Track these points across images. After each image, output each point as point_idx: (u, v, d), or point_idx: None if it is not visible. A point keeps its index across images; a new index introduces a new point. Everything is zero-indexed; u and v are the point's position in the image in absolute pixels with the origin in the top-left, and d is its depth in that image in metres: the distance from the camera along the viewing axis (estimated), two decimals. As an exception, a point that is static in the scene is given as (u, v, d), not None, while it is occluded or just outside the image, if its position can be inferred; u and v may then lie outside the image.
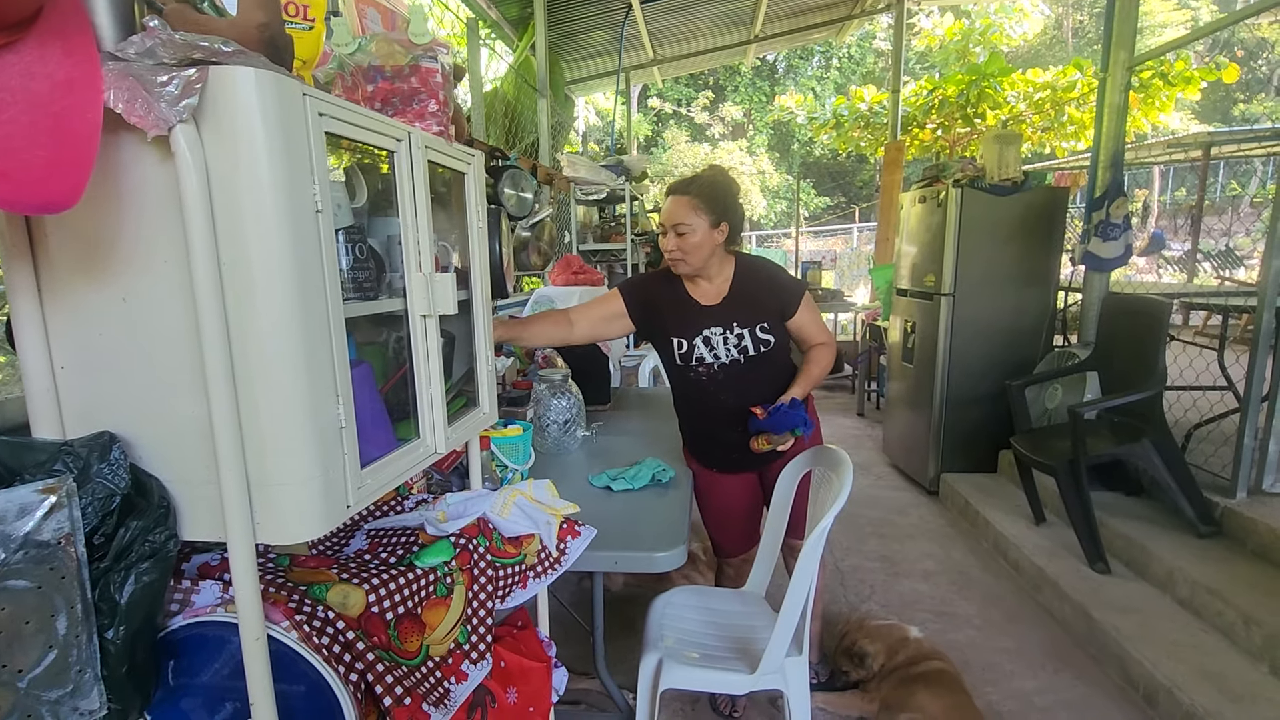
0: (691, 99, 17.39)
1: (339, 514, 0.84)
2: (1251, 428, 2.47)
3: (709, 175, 1.79)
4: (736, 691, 1.58)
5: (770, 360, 1.81)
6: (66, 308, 0.79)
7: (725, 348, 1.78)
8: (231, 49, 0.72)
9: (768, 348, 1.79)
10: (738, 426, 1.76)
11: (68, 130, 0.65)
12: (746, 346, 1.78)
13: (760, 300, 1.80)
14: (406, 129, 1.02)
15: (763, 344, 1.78)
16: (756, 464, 1.89)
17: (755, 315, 1.78)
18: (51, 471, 0.72)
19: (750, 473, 1.94)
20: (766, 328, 1.79)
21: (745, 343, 1.78)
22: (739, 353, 1.78)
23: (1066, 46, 16.28)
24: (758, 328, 1.78)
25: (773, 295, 1.82)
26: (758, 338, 1.78)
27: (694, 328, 1.79)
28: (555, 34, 5.36)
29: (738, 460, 1.87)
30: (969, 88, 6.85)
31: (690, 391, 1.86)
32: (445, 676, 1.01)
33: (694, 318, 1.80)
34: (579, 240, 4.26)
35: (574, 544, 1.33)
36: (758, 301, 1.80)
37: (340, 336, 0.83)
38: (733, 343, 1.78)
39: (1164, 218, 10.76)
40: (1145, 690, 2.01)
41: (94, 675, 0.73)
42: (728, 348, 1.78)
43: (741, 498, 1.95)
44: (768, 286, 1.82)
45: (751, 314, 1.78)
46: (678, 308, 1.82)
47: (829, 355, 1.84)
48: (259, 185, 0.73)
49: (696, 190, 1.73)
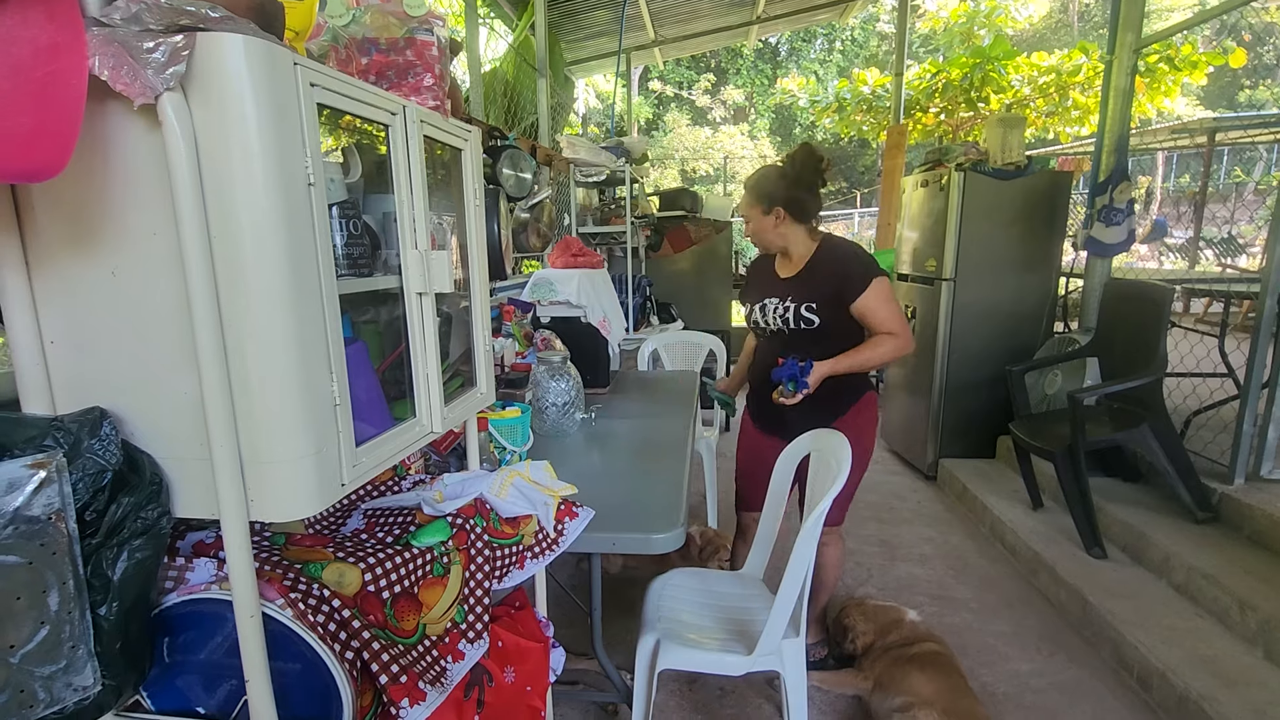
0: (693, 82, 17.20)
1: (333, 492, 0.83)
2: (1251, 414, 2.46)
3: (772, 170, 1.98)
4: (734, 672, 1.59)
5: (815, 339, 1.90)
6: (55, 281, 0.78)
7: (774, 315, 1.94)
8: (219, 15, 0.70)
9: (809, 326, 1.89)
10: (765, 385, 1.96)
11: (52, 97, 0.63)
12: (789, 319, 1.91)
13: (821, 281, 1.90)
14: (402, 102, 1.00)
15: (804, 321, 1.89)
16: (786, 432, 1.93)
17: (809, 294, 1.89)
18: (41, 447, 0.71)
19: (781, 440, 1.96)
20: (814, 308, 1.87)
21: (789, 316, 1.91)
22: (783, 324, 1.93)
23: (1072, 30, 16.09)
24: (804, 306, 1.89)
25: (835, 279, 1.88)
26: (801, 315, 1.89)
27: (760, 294, 2.00)
28: (555, 13, 5.29)
29: (772, 423, 2.05)
30: (973, 71, 6.77)
31: (757, 350, 2.13)
32: (442, 655, 1.01)
33: (766, 286, 2.01)
34: (578, 222, 4.23)
35: (572, 525, 1.33)
36: (818, 282, 1.90)
37: (334, 312, 0.82)
38: (779, 313, 1.93)
39: (1167, 204, 10.71)
40: (1139, 674, 2.02)
41: (87, 651, 0.72)
42: (775, 316, 1.94)
43: (766, 457, 2.01)
44: (835, 271, 1.89)
45: (807, 292, 1.90)
46: (763, 276, 2.05)
47: (890, 346, 1.84)
48: (249, 156, 0.71)
49: (749, 186, 1.98)
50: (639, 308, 4.24)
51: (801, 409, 1.87)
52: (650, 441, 2.01)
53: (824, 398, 1.88)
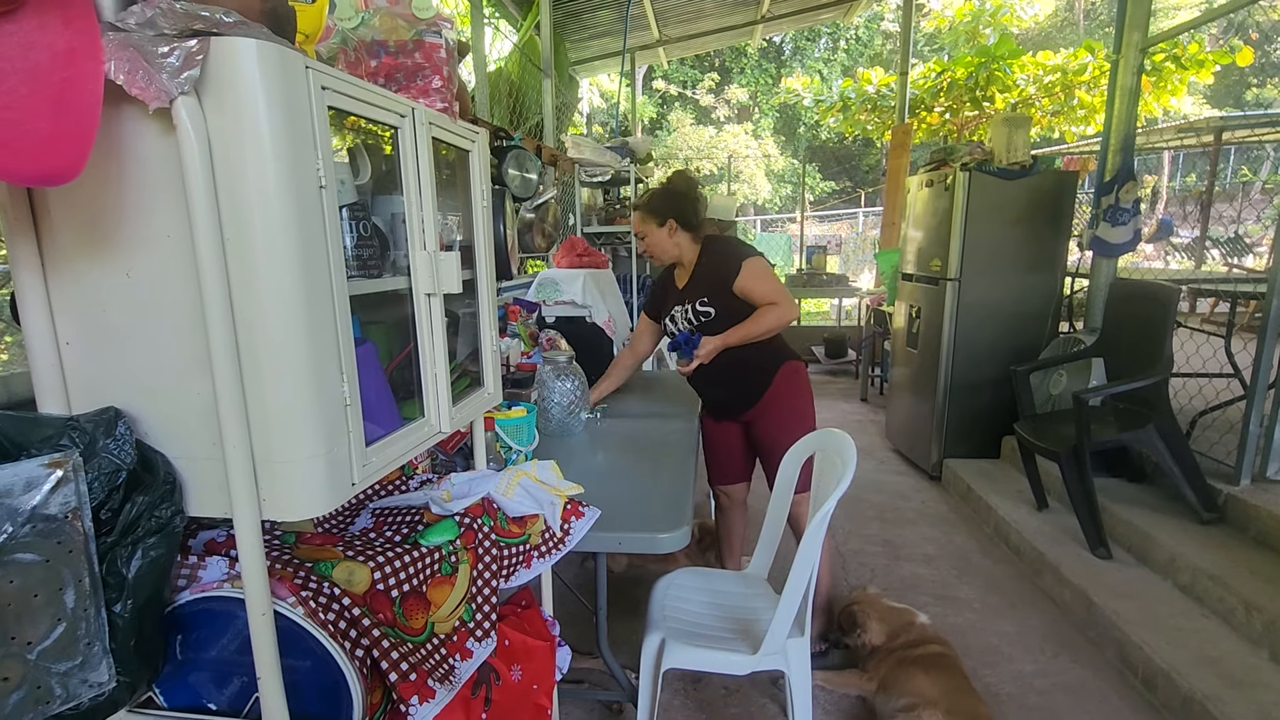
0: (697, 81, 17.19)
1: (344, 491, 0.84)
2: (1257, 415, 2.46)
3: (661, 189, 2.16)
4: (739, 672, 1.60)
5: (717, 329, 2.05)
6: (70, 283, 0.79)
7: (681, 320, 2.14)
8: (233, 20, 0.71)
9: (707, 318, 2.07)
10: (705, 382, 2.18)
11: (69, 101, 0.64)
12: (690, 318, 2.11)
13: (707, 276, 2.10)
14: (410, 104, 1.00)
15: (702, 315, 2.08)
16: (725, 412, 2.24)
17: (699, 292, 2.09)
18: (57, 446, 0.72)
19: (728, 421, 2.26)
20: (706, 301, 2.07)
21: (689, 314, 2.10)
22: (686, 324, 2.12)
23: (1078, 29, 16.02)
24: (697, 303, 2.09)
25: (716, 269, 2.08)
26: (697, 310, 2.09)
27: (668, 307, 2.20)
28: (560, 13, 5.29)
29: (719, 409, 2.26)
30: (978, 70, 6.75)
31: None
32: (450, 653, 1.01)
33: (670, 299, 2.20)
34: (583, 222, 4.23)
35: (578, 524, 1.34)
36: (705, 277, 2.11)
37: (345, 313, 0.83)
38: (682, 315, 2.13)
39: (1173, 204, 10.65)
40: (1144, 674, 2.02)
41: (102, 648, 0.73)
42: (681, 320, 2.14)
43: (726, 438, 2.30)
44: (716, 262, 2.09)
45: (699, 290, 2.10)
46: (666, 294, 2.24)
47: (773, 315, 2.02)
48: (262, 159, 0.72)
49: (644, 203, 2.14)
50: (644, 307, 4.23)
51: (727, 389, 2.15)
52: (655, 441, 2.02)
53: (747, 375, 2.11)
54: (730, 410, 2.21)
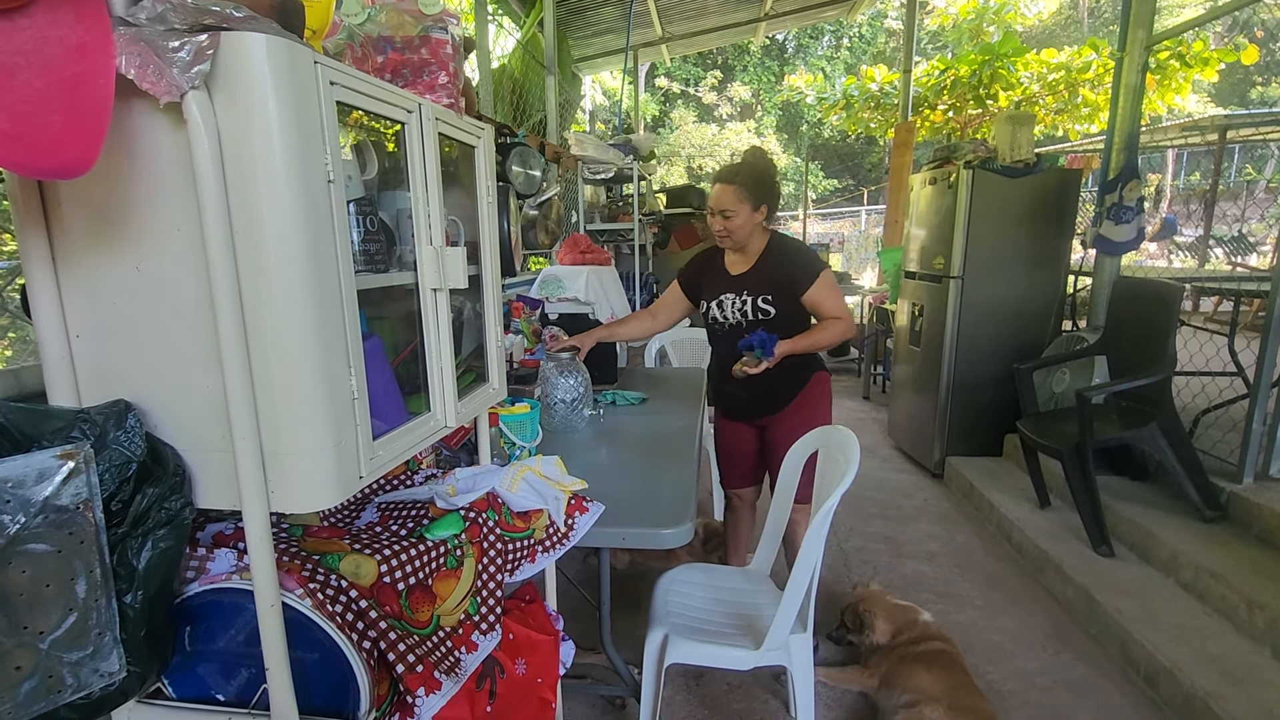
0: (699, 79, 17.17)
1: (352, 484, 0.85)
2: (1260, 413, 2.46)
3: (751, 163, 2.02)
4: (741, 667, 1.60)
5: (770, 328, 1.98)
6: (81, 276, 0.79)
7: (732, 310, 2.05)
8: (243, 15, 0.71)
9: (766, 317, 2.01)
10: (731, 382, 2.06)
11: (81, 95, 0.65)
12: (747, 312, 2.03)
13: (774, 275, 2.02)
14: (417, 100, 1.01)
15: (762, 313, 2.01)
16: (747, 415, 2.17)
17: (764, 287, 2.01)
18: (69, 438, 0.73)
19: (747, 423, 2.21)
20: (770, 299, 2.00)
21: (747, 308, 2.03)
22: (741, 316, 2.04)
23: (1081, 26, 15.98)
24: (760, 298, 2.01)
25: (788, 271, 2.02)
26: (758, 306, 2.01)
27: (715, 292, 2.09)
28: (563, 10, 5.29)
29: (736, 410, 2.20)
30: (982, 68, 6.74)
31: (713, 344, 2.22)
32: (456, 646, 1.02)
33: (719, 283, 2.09)
34: (586, 219, 4.23)
35: (582, 519, 1.34)
36: (772, 275, 2.02)
37: (352, 307, 0.83)
38: (738, 307, 2.04)
39: (1177, 202, 10.63)
40: (1146, 672, 2.02)
41: (113, 638, 0.74)
42: (733, 310, 2.05)
43: (740, 441, 2.24)
44: (786, 264, 2.03)
45: (762, 285, 2.02)
46: (712, 275, 2.13)
47: (838, 329, 2.00)
48: (271, 153, 0.72)
49: (741, 180, 1.96)
50: (645, 305, 4.24)
51: (755, 390, 2.06)
52: (658, 437, 2.02)
53: (779, 380, 2.04)
54: (749, 412, 2.16)
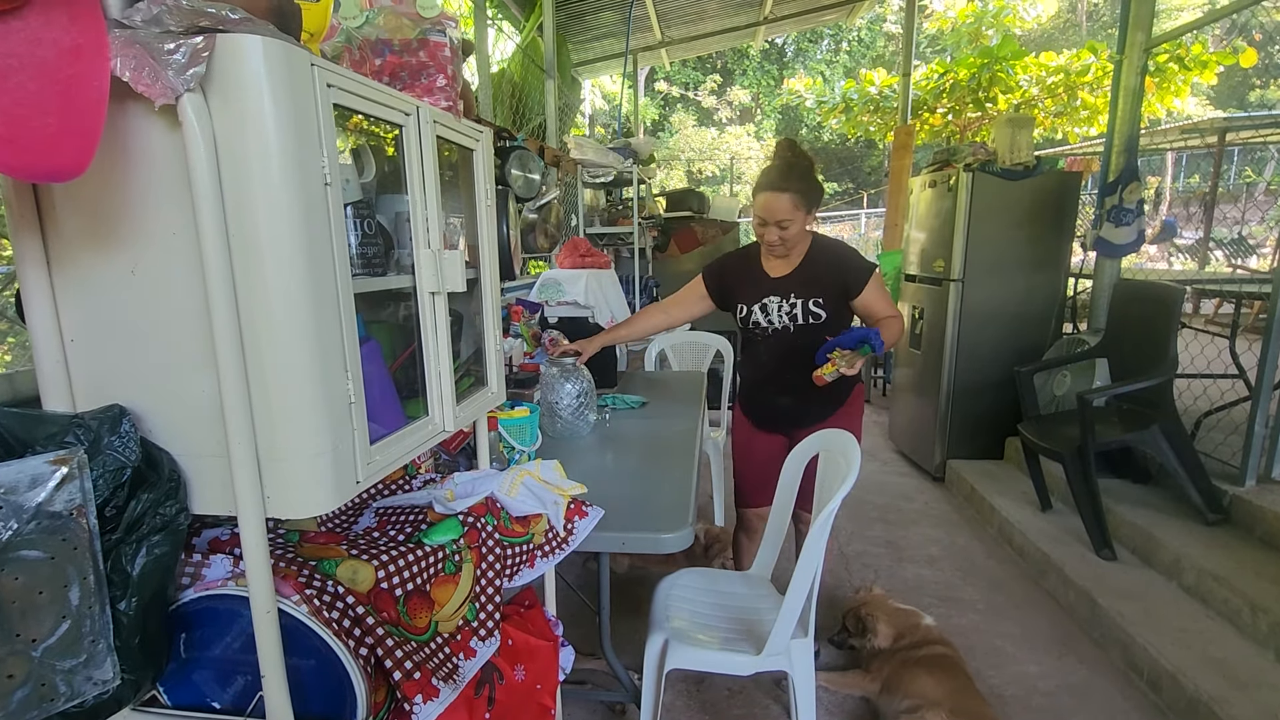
0: (699, 82, 17.20)
1: (349, 489, 0.84)
2: (1262, 415, 2.45)
3: (795, 163, 1.87)
4: (742, 672, 1.59)
5: (819, 333, 1.92)
6: (75, 280, 0.79)
7: (779, 314, 1.95)
8: (239, 16, 0.71)
9: (817, 320, 1.93)
10: (778, 388, 2.00)
11: (75, 97, 0.64)
12: (797, 315, 1.93)
13: (823, 277, 1.94)
14: (415, 103, 1.00)
15: (813, 316, 1.93)
16: (787, 426, 2.05)
17: (813, 290, 1.93)
18: (62, 444, 0.72)
19: (780, 435, 2.09)
20: (821, 303, 1.92)
21: (796, 311, 1.93)
22: (789, 320, 1.94)
23: (1080, 29, 16.01)
24: (811, 301, 1.92)
25: (838, 273, 1.93)
26: (809, 310, 1.93)
27: (756, 295, 1.98)
28: (563, 14, 5.30)
29: (772, 420, 2.09)
30: (981, 71, 6.75)
31: (749, 350, 2.09)
32: (454, 653, 1.01)
33: (760, 287, 1.98)
34: (586, 223, 4.23)
35: (581, 524, 1.34)
36: (821, 278, 1.94)
37: (349, 311, 0.83)
38: (785, 310, 1.94)
39: (1177, 204, 10.63)
40: (1149, 676, 2.01)
41: (107, 645, 0.73)
42: (780, 314, 1.95)
43: (767, 454, 2.09)
44: (836, 265, 1.94)
45: (811, 288, 1.93)
46: (749, 277, 2.01)
47: (898, 327, 1.92)
48: (267, 156, 0.72)
49: (796, 187, 1.83)
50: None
51: (799, 399, 1.98)
52: (658, 441, 2.01)
53: (829, 388, 1.90)
54: (786, 423, 2.05)
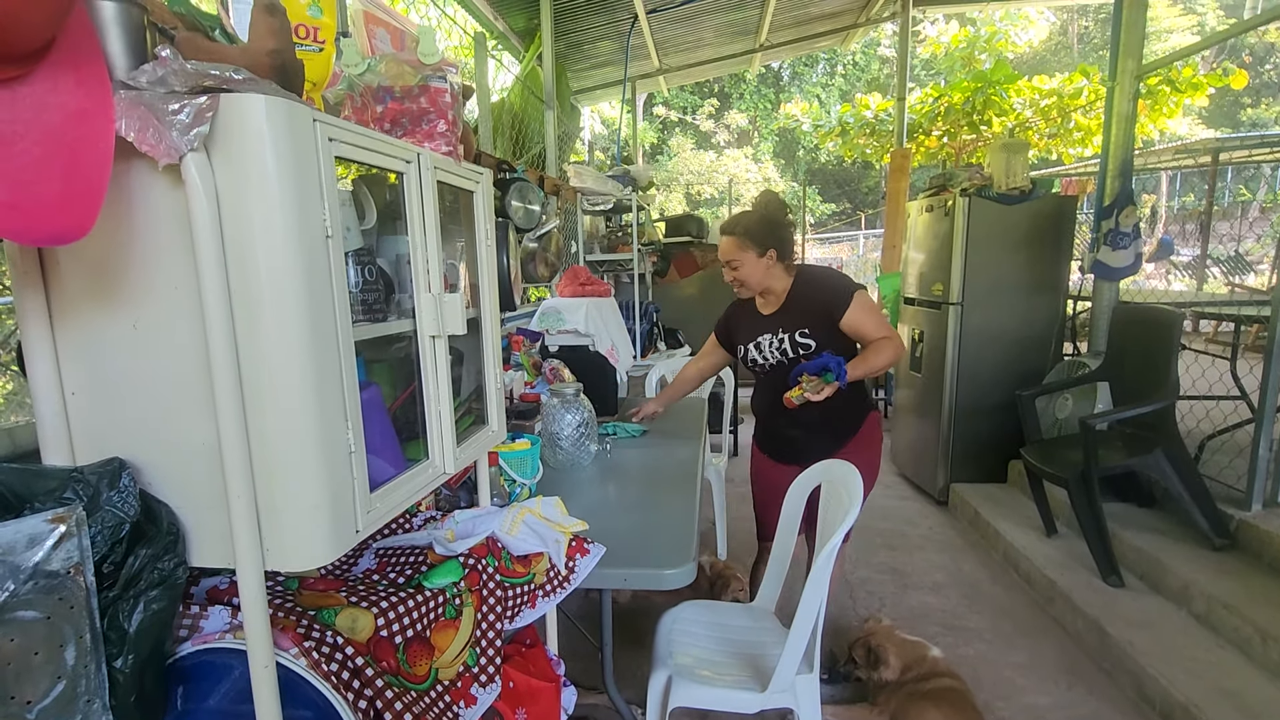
0: (697, 106, 17.42)
1: (348, 540, 0.84)
2: (1267, 439, 2.44)
3: (753, 211, 2.01)
4: (747, 710, 1.57)
5: None
6: (77, 333, 0.79)
7: (770, 350, 2.01)
8: (243, 76, 0.72)
9: (808, 351, 1.96)
10: (786, 421, 2.02)
11: (80, 161, 0.65)
12: (786, 349, 1.98)
13: (808, 307, 1.98)
14: (416, 150, 1.02)
15: (802, 348, 1.97)
16: (800, 456, 2.04)
17: (799, 322, 1.97)
18: (61, 500, 0.72)
19: (796, 466, 2.02)
20: (807, 333, 1.96)
21: (785, 346, 1.98)
22: (780, 355, 2.00)
23: (1071, 52, 16.25)
24: (797, 333, 1.97)
25: (820, 301, 1.97)
26: (796, 342, 1.97)
27: (751, 335, 2.06)
28: (562, 44, 5.38)
29: (785, 452, 2.11)
30: (975, 95, 6.83)
31: (757, 387, 2.17)
32: (454, 701, 1.00)
33: (754, 326, 2.07)
34: (586, 250, 4.26)
35: (583, 562, 1.32)
36: (805, 309, 1.99)
37: (350, 362, 0.83)
38: (775, 346, 2.00)
39: (1172, 223, 10.70)
40: (1161, 708, 1.98)
41: (102, 705, 0.72)
42: (772, 350, 2.01)
43: (782, 486, 2.03)
44: (817, 294, 1.99)
45: (796, 320, 1.98)
46: (746, 320, 2.11)
47: (891, 349, 1.90)
48: (269, 211, 0.73)
49: (742, 229, 1.96)
50: (646, 334, 4.25)
51: (812, 430, 1.99)
52: (659, 471, 2.01)
53: (835, 419, 1.98)
54: (802, 454, 2.02)
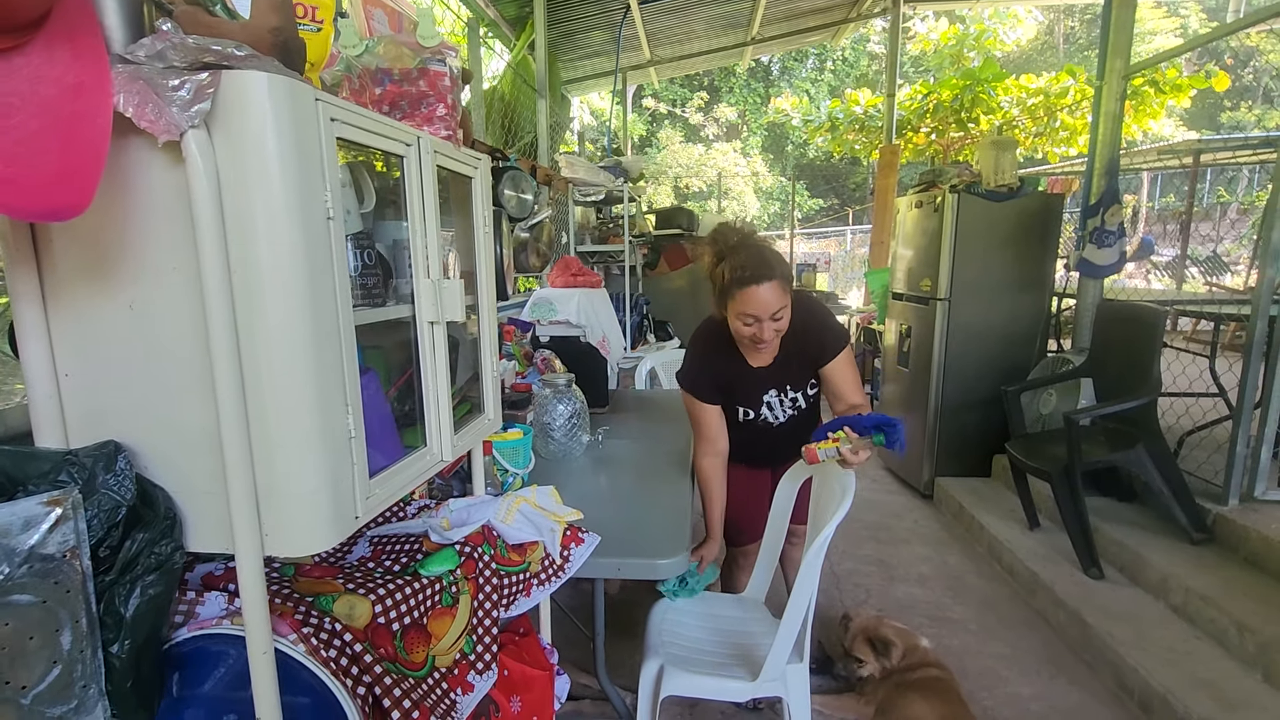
0: (686, 100, 17.37)
1: (348, 526, 0.83)
2: (1244, 435, 2.49)
3: (761, 246, 1.69)
4: (738, 699, 1.58)
5: (814, 413, 1.94)
6: (71, 314, 0.78)
7: (783, 409, 1.89)
8: (244, 53, 0.70)
9: (813, 396, 1.91)
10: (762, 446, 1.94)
11: (77, 136, 0.64)
12: (800, 405, 1.90)
13: (801, 353, 1.81)
14: (416, 134, 1.00)
15: (811, 399, 1.91)
16: (775, 460, 1.98)
17: (804, 371, 1.85)
18: (56, 482, 0.71)
19: (765, 469, 2.03)
20: (814, 383, 1.89)
21: (800, 402, 1.89)
22: (794, 410, 1.90)
23: (1058, 53, 16.40)
24: (809, 385, 1.88)
25: (817, 340, 1.80)
26: (808, 395, 1.90)
27: (756, 395, 1.87)
28: (553, 33, 5.33)
29: (762, 457, 2.00)
30: (963, 92, 6.89)
31: (747, 434, 1.92)
32: (452, 688, 1.00)
33: (754, 384, 1.85)
34: (577, 241, 4.24)
35: (577, 551, 1.33)
36: (799, 356, 1.82)
37: (350, 346, 0.82)
38: (788, 404, 1.89)
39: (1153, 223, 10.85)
40: (1140, 697, 2.02)
41: (98, 690, 0.71)
42: (784, 408, 1.89)
43: (759, 489, 2.01)
44: (816, 332, 1.80)
45: (799, 373, 1.85)
46: (740, 378, 1.85)
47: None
48: (270, 191, 0.71)
49: (779, 273, 1.65)
50: (636, 326, 4.24)
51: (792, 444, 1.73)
52: (652, 462, 2.01)
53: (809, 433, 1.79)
54: (780, 458, 1.94)
